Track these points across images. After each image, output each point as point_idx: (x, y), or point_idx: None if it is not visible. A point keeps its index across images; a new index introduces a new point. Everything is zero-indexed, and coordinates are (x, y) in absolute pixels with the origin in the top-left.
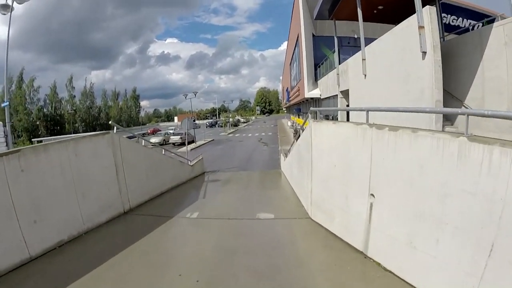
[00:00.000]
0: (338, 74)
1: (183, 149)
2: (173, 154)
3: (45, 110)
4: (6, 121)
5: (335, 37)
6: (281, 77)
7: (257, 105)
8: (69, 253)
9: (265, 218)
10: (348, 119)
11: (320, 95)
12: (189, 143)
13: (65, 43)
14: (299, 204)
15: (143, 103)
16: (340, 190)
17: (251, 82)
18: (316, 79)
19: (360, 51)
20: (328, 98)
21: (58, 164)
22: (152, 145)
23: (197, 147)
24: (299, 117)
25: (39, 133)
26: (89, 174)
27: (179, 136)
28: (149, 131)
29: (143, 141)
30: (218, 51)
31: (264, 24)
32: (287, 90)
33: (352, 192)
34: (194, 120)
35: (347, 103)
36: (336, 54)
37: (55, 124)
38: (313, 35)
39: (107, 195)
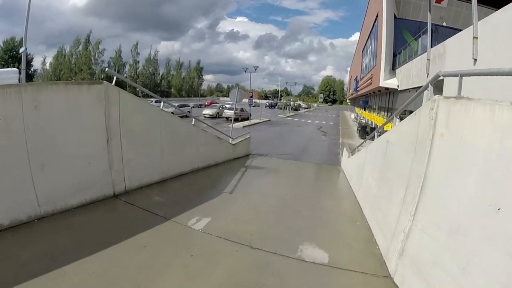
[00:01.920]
0: (428, 59)
1: (235, 125)
2: (211, 128)
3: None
4: (22, 68)
5: (429, 12)
6: (348, 68)
7: (321, 93)
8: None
9: (313, 260)
10: None
11: (398, 86)
12: (243, 119)
13: (138, 13)
14: (371, 239)
15: (208, 77)
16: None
17: (317, 70)
18: (393, 67)
19: (467, 30)
20: (408, 90)
21: None
22: (205, 117)
23: (250, 125)
24: (365, 110)
25: None
26: (56, 138)
27: (232, 111)
28: (206, 103)
29: (161, 104)
30: (287, 35)
31: (337, 12)
32: (355, 79)
33: None
34: (251, 96)
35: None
36: (428, 31)
37: (117, 86)
38: (395, 17)
39: (85, 170)
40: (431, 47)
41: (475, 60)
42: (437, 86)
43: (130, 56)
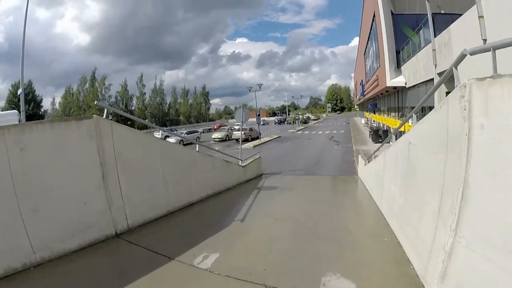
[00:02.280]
0: (434, 50)
1: (245, 145)
2: (219, 152)
3: (116, 106)
4: (21, 109)
5: (427, 0)
6: (352, 74)
7: (328, 102)
8: None
9: None
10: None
11: (406, 83)
12: (253, 139)
13: (140, 46)
14: (402, 256)
15: (215, 100)
16: None
17: (321, 80)
18: (398, 65)
19: (470, 11)
20: (417, 86)
21: None
22: (215, 141)
23: (261, 143)
24: (374, 114)
25: None
26: (47, 179)
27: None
28: (215, 127)
29: (160, 133)
30: (288, 49)
31: (333, 20)
32: (361, 83)
33: None
34: (258, 115)
35: (447, 90)
36: (430, 21)
37: (126, 119)
38: (392, 13)
39: (82, 210)
40: (435, 37)
41: (485, 40)
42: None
43: (137, 89)
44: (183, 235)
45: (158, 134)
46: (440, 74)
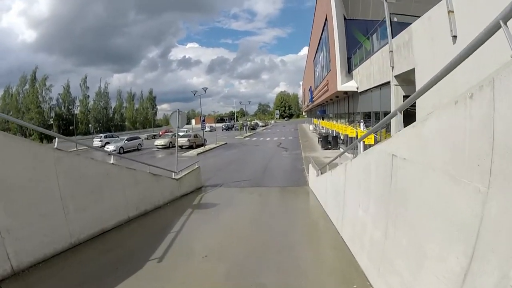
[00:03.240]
0: (391, 51)
1: (189, 153)
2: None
3: (57, 109)
4: None
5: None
6: (301, 82)
7: (277, 109)
8: None
9: None
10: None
11: (357, 88)
12: (198, 146)
13: (88, 47)
14: None
15: (164, 106)
16: None
17: (271, 87)
18: (349, 70)
19: (437, 6)
20: (370, 90)
21: None
22: (157, 148)
23: (206, 151)
24: (323, 120)
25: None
26: None
27: (186, 139)
28: (160, 133)
29: (55, 141)
30: (239, 56)
31: (284, 29)
32: (310, 89)
33: None
34: (203, 120)
35: (405, 93)
36: (387, 21)
37: (68, 123)
38: (345, 18)
39: None
40: (392, 38)
41: (455, 37)
42: (405, 77)
43: (80, 91)
44: (86, 280)
45: (97, 142)
46: (398, 76)
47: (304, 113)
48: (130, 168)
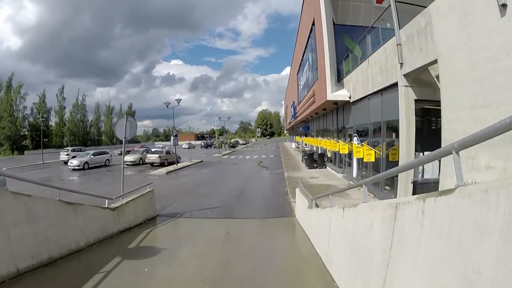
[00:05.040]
0: (399, 44)
1: (157, 171)
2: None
3: (31, 119)
4: None
5: None
6: (283, 102)
7: (258, 127)
8: None
9: None
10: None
11: (350, 97)
12: (170, 163)
13: (72, 58)
14: None
15: (145, 122)
16: None
17: (253, 106)
18: (339, 79)
19: None
20: (368, 98)
21: None
22: (127, 165)
23: (177, 169)
24: (306, 137)
25: (24, 143)
26: None
27: (157, 155)
28: (135, 148)
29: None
30: (222, 75)
31: (268, 49)
32: (292, 105)
33: None
34: (175, 135)
35: (417, 97)
36: (392, 8)
37: (42, 135)
38: (334, 23)
39: None
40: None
41: (504, 6)
42: (419, 76)
43: (56, 102)
44: None
45: (64, 156)
46: (408, 75)
47: (285, 132)
48: (22, 194)
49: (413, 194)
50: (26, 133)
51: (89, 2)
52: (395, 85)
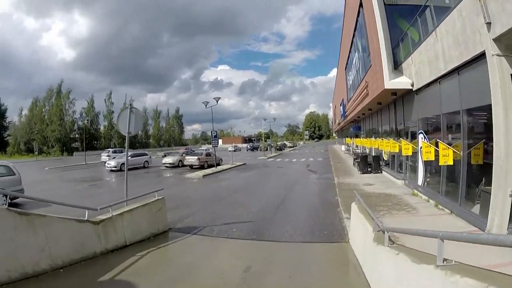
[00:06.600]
0: None
1: (194, 174)
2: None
3: (80, 122)
4: None
5: None
6: (331, 104)
7: (306, 129)
8: None
9: None
10: None
11: (412, 84)
12: (210, 166)
13: (124, 67)
14: None
15: (195, 126)
16: None
17: (301, 109)
18: (395, 66)
19: None
20: (438, 82)
21: None
22: (166, 167)
23: (215, 172)
24: (357, 138)
25: (74, 145)
26: None
27: (196, 157)
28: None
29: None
30: (269, 78)
31: (313, 51)
32: (341, 103)
33: None
34: (215, 136)
35: None
36: None
37: (91, 137)
38: (384, 4)
39: None
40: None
41: None
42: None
43: (105, 107)
44: None
45: (105, 156)
46: (501, 39)
47: (334, 134)
48: None
49: None
50: (76, 136)
51: (137, 13)
52: (479, 57)
